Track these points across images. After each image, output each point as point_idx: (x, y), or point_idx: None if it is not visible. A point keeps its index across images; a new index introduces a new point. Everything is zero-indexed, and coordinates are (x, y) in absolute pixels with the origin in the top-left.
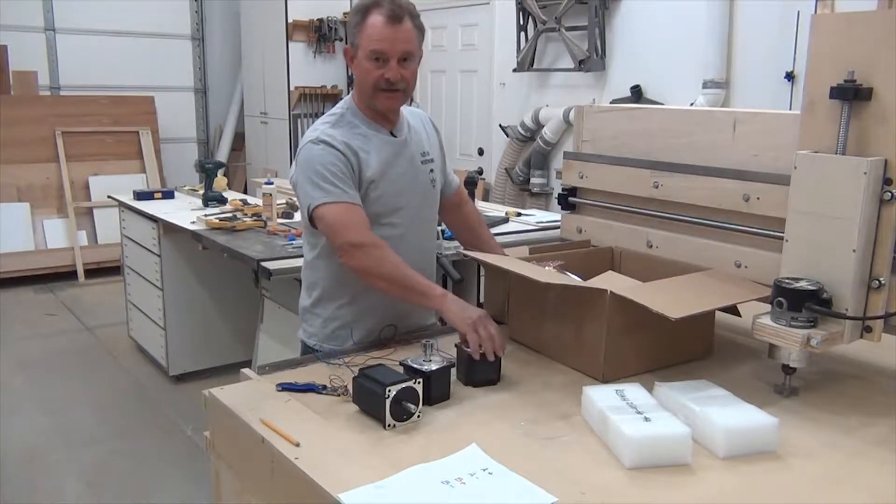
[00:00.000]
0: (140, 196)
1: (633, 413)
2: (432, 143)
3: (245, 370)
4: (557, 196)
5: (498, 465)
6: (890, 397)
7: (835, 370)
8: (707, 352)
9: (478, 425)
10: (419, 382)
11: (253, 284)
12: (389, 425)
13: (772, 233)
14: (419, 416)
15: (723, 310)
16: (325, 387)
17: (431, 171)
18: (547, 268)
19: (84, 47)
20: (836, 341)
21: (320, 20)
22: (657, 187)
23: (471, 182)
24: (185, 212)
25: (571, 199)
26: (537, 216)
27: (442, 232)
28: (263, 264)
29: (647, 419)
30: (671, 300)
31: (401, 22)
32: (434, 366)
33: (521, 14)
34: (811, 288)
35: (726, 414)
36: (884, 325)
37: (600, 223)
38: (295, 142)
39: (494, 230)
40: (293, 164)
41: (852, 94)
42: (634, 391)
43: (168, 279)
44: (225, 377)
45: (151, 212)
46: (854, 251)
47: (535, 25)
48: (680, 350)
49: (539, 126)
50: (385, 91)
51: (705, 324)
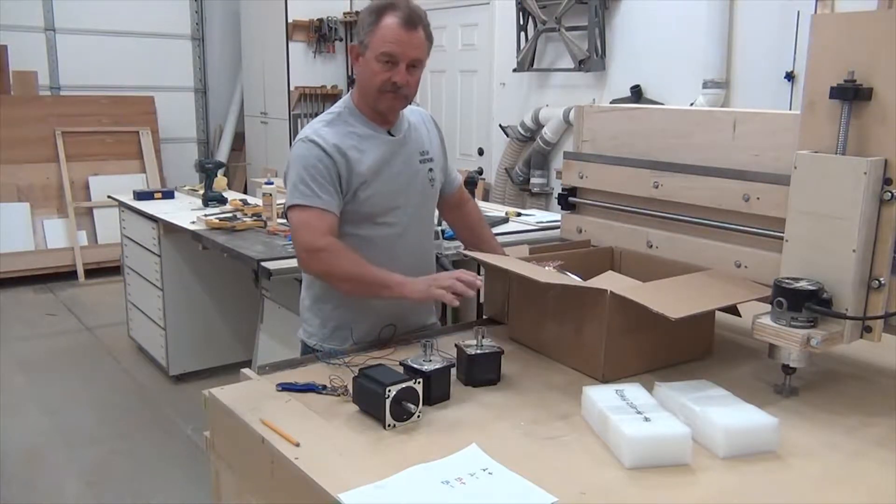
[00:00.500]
0: (140, 196)
1: (633, 413)
2: (433, 142)
3: (245, 370)
4: (557, 196)
5: (498, 465)
6: (890, 397)
7: (835, 370)
8: (707, 352)
9: (478, 425)
10: (419, 382)
11: (253, 284)
12: (389, 425)
13: (772, 233)
14: (419, 416)
15: (723, 310)
16: (325, 387)
17: (430, 171)
18: (547, 268)
19: (84, 47)
20: (836, 341)
21: (320, 20)
22: (657, 187)
23: (471, 182)
24: (185, 212)
25: (571, 199)
26: (537, 216)
27: (442, 232)
28: (263, 264)
29: (647, 419)
30: (671, 300)
31: (415, 28)
32: (434, 366)
33: (521, 14)
34: (811, 288)
35: (726, 414)
36: (884, 325)
37: (600, 223)
38: None
39: (494, 230)
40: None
41: (852, 94)
42: (634, 391)
43: (168, 279)
44: (225, 377)
45: (151, 212)
46: (854, 251)
47: (535, 25)
48: (680, 350)
49: (539, 126)
50: (389, 93)
51: (705, 324)
